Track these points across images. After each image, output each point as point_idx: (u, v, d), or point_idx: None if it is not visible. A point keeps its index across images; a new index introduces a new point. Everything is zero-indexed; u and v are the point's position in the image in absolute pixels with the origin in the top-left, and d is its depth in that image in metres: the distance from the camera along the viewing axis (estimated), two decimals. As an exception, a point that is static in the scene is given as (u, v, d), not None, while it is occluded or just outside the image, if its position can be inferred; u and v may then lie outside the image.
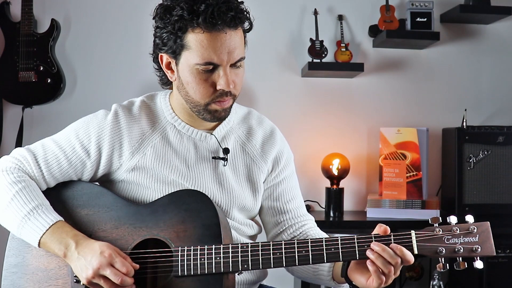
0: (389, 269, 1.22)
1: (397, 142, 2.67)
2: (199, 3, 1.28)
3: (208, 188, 1.44)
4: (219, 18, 1.27)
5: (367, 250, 1.24)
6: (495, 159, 2.61)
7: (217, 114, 1.40)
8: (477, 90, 2.92)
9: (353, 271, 1.31)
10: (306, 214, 1.59)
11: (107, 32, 2.80)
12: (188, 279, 1.28)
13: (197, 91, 1.36)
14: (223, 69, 1.33)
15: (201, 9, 1.27)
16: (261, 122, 1.58)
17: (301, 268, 1.50)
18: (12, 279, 1.37)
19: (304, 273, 1.50)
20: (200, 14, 1.27)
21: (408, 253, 1.22)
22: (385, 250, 1.22)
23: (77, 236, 1.31)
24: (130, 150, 1.42)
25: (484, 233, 1.23)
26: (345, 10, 2.87)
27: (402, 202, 2.62)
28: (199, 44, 1.30)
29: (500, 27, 2.91)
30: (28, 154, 1.40)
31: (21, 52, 2.64)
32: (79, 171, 1.43)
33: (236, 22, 1.31)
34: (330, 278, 1.42)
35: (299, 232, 1.54)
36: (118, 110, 1.45)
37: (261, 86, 2.84)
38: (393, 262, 1.21)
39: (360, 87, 2.88)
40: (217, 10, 1.27)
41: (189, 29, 1.30)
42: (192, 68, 1.34)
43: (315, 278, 1.47)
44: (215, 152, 1.48)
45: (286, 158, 1.57)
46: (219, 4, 1.28)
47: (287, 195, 1.56)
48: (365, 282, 1.27)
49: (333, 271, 1.41)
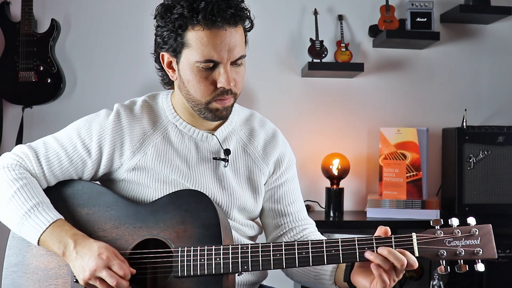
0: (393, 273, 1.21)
1: (397, 142, 2.67)
2: (199, 1, 1.28)
3: (209, 188, 1.44)
4: (219, 15, 1.28)
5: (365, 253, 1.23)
6: (495, 159, 2.61)
7: (218, 113, 1.40)
8: (477, 90, 2.92)
9: (357, 274, 1.30)
10: (307, 218, 1.58)
11: (107, 32, 2.80)
12: (188, 280, 1.28)
13: (198, 89, 1.36)
14: (224, 67, 1.33)
15: (201, 6, 1.28)
16: (264, 124, 1.57)
17: (302, 273, 1.49)
18: (12, 278, 1.37)
19: (304, 278, 1.49)
20: (200, 12, 1.28)
21: (412, 257, 1.21)
22: (391, 253, 1.21)
23: (76, 235, 1.31)
24: (131, 149, 1.42)
25: (485, 236, 1.22)
26: (345, 10, 2.87)
27: (402, 202, 2.62)
28: (199, 41, 1.30)
29: (500, 27, 2.91)
30: (30, 151, 1.41)
31: (21, 52, 2.64)
32: (79, 170, 1.43)
33: (236, 20, 1.31)
34: (332, 283, 1.41)
35: (300, 236, 1.53)
36: (120, 110, 1.45)
37: (261, 86, 2.84)
38: (398, 265, 1.20)
39: (360, 87, 2.88)
40: (217, 7, 1.28)
41: (189, 26, 1.31)
42: (192, 66, 1.34)
43: (316, 282, 1.45)
44: (216, 153, 1.48)
45: (288, 161, 1.57)
46: (219, 2, 1.28)
47: (288, 198, 1.56)
48: (369, 286, 1.26)
49: (335, 275, 1.40)
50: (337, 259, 1.25)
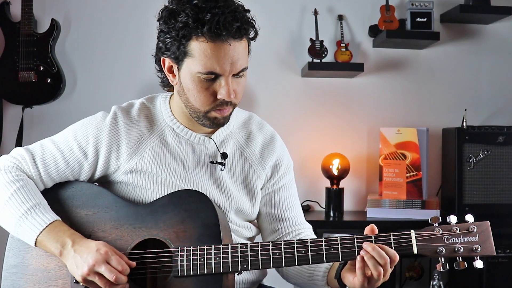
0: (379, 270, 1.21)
1: (397, 142, 2.67)
2: (205, 11, 1.26)
3: (206, 190, 1.43)
4: (225, 28, 1.26)
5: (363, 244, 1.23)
6: (495, 159, 2.61)
7: (216, 121, 1.39)
8: (477, 90, 2.92)
9: (346, 271, 1.30)
10: (304, 222, 1.58)
11: (107, 32, 2.80)
12: (188, 279, 1.28)
13: (198, 99, 1.35)
14: (225, 79, 1.32)
15: (206, 18, 1.26)
16: (262, 127, 1.56)
17: (296, 274, 1.49)
18: (12, 280, 1.37)
19: (299, 279, 1.49)
20: (205, 23, 1.26)
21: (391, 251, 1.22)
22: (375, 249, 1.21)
23: (74, 235, 1.31)
24: (128, 152, 1.42)
25: (484, 233, 1.23)
26: (345, 10, 2.87)
27: (402, 202, 2.62)
28: (202, 53, 1.29)
29: (500, 27, 2.91)
30: (27, 154, 1.41)
31: (21, 52, 2.64)
32: (76, 172, 1.43)
33: (241, 33, 1.30)
34: (324, 283, 1.41)
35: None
36: (117, 112, 1.45)
37: (261, 86, 2.84)
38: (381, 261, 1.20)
39: (360, 87, 2.88)
40: (223, 20, 1.25)
41: (193, 37, 1.29)
42: (194, 76, 1.33)
43: (310, 283, 1.45)
44: (213, 156, 1.47)
45: (286, 165, 1.56)
46: (225, 14, 1.26)
47: (286, 203, 1.55)
48: (352, 280, 1.27)
49: (328, 275, 1.40)
50: (336, 257, 1.25)
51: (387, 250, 1.22)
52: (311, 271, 1.44)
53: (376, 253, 1.21)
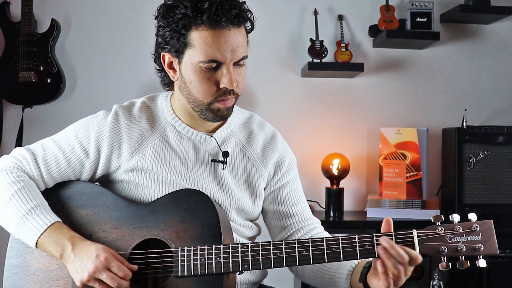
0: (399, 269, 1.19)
1: (397, 142, 2.67)
2: (202, 1, 1.28)
3: (207, 189, 1.43)
4: (223, 15, 1.28)
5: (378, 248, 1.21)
6: (495, 159, 2.61)
7: (220, 113, 1.39)
8: (477, 90, 2.92)
9: (371, 276, 1.28)
10: (313, 217, 1.57)
11: (107, 32, 2.80)
12: (189, 279, 1.28)
13: (200, 90, 1.36)
14: (226, 67, 1.33)
15: (205, 6, 1.28)
16: (263, 126, 1.57)
17: (314, 274, 1.47)
18: (13, 280, 1.37)
19: (317, 280, 1.47)
20: (204, 11, 1.28)
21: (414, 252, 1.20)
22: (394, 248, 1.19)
23: (74, 237, 1.31)
24: (129, 150, 1.42)
25: (487, 232, 1.22)
26: (345, 10, 2.87)
27: (402, 202, 2.62)
28: (203, 41, 1.30)
29: (500, 27, 2.91)
30: (28, 154, 1.40)
31: (21, 52, 2.64)
32: (77, 172, 1.43)
33: (240, 20, 1.32)
34: (347, 286, 1.38)
35: (309, 237, 1.52)
36: (118, 111, 1.45)
37: (261, 86, 2.84)
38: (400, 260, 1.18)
39: (360, 87, 2.88)
40: (221, 7, 1.28)
41: (193, 26, 1.30)
42: (195, 66, 1.33)
43: (330, 285, 1.43)
44: (215, 155, 1.47)
45: (289, 162, 1.56)
46: (223, 2, 1.28)
47: (292, 199, 1.55)
48: (376, 283, 1.24)
49: (351, 279, 1.37)
50: (338, 257, 1.25)
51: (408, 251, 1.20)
52: (332, 273, 1.42)
53: (395, 252, 1.19)
